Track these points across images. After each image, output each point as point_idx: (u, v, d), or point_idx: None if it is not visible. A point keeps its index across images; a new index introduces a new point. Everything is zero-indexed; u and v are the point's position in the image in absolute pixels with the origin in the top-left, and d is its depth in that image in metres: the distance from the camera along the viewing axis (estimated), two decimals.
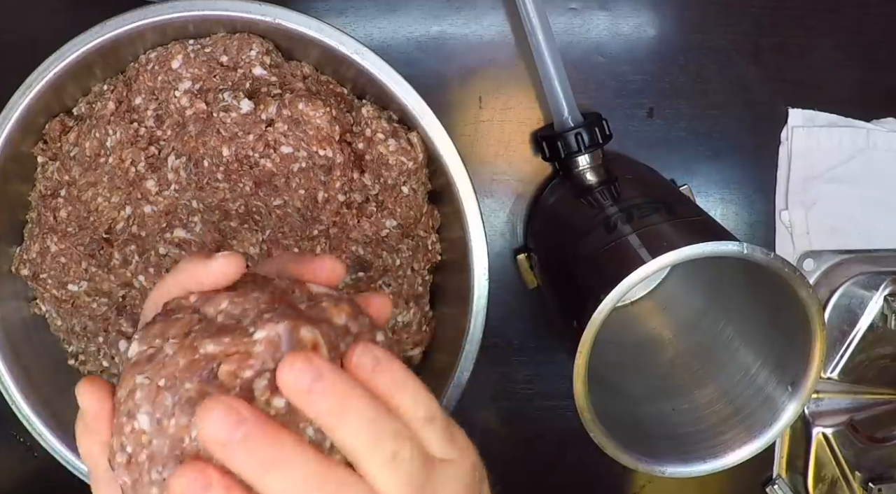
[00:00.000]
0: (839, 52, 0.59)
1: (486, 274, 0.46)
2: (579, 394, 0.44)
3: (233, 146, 0.45)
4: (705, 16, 0.57)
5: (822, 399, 0.61)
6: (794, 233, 0.59)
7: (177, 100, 0.46)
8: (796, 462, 0.62)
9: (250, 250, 0.46)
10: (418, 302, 0.50)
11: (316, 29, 0.45)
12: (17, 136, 0.45)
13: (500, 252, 0.58)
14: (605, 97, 0.57)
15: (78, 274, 0.47)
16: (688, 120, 0.58)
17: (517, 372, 0.59)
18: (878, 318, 0.58)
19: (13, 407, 0.46)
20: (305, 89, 0.47)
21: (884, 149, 0.59)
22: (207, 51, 0.47)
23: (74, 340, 0.48)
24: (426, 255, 0.50)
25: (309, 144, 0.45)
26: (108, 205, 0.46)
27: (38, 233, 0.47)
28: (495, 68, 0.56)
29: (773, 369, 0.49)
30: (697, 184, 0.58)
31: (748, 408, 0.49)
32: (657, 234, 0.44)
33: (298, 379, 0.26)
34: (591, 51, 0.57)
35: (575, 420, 0.45)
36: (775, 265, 0.43)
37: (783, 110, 0.59)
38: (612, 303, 0.42)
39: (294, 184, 0.46)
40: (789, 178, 0.59)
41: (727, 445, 0.48)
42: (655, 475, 0.48)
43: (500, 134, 0.57)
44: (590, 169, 0.53)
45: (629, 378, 0.55)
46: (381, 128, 0.47)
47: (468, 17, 0.56)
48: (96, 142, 0.46)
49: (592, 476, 0.60)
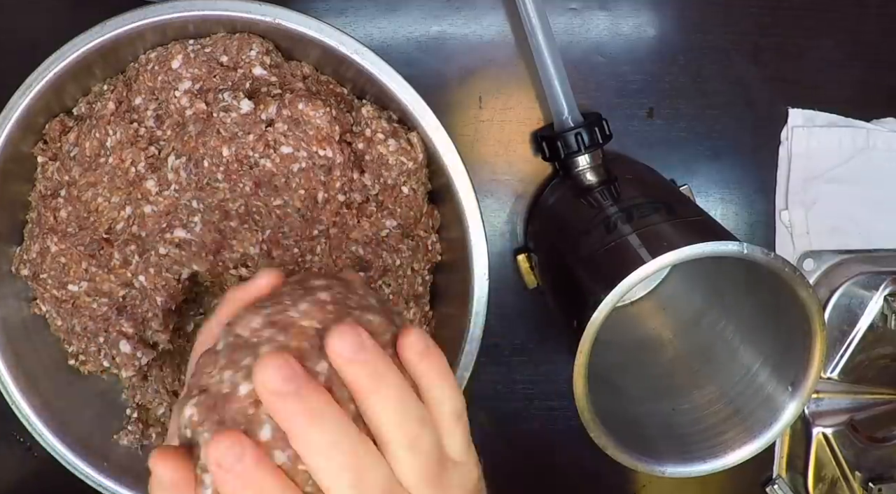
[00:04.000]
0: (839, 52, 0.59)
1: (486, 274, 0.46)
2: (579, 394, 0.44)
3: (233, 146, 0.45)
4: (705, 16, 0.57)
5: (822, 399, 0.61)
6: (794, 233, 0.59)
7: (177, 101, 0.46)
8: (796, 462, 0.62)
9: (250, 250, 0.46)
10: (418, 302, 0.50)
11: (316, 29, 0.45)
12: (17, 136, 0.45)
13: (500, 252, 0.58)
14: (605, 97, 0.57)
15: (78, 274, 0.47)
16: (688, 120, 0.58)
17: (517, 372, 0.59)
18: (878, 318, 0.58)
19: (13, 407, 0.46)
20: (305, 89, 0.47)
21: (884, 149, 0.59)
22: (207, 51, 0.47)
23: (75, 340, 0.48)
24: (426, 255, 0.50)
25: (309, 144, 0.45)
26: (108, 205, 0.46)
27: (38, 233, 0.47)
28: (495, 68, 0.56)
29: (773, 369, 0.49)
30: (697, 184, 0.58)
31: (748, 408, 0.49)
32: (657, 234, 0.44)
33: (344, 347, 0.29)
34: (591, 51, 0.57)
35: (575, 420, 0.45)
36: (775, 265, 0.43)
37: (783, 110, 0.59)
38: (612, 303, 0.42)
39: (294, 184, 0.46)
40: (789, 178, 0.59)
41: (727, 445, 0.48)
42: (655, 475, 0.48)
43: (500, 134, 0.57)
44: (590, 169, 0.53)
45: (629, 378, 0.55)
46: (381, 128, 0.47)
47: (468, 17, 0.56)
48: (96, 142, 0.46)
49: (592, 476, 0.60)
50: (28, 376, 0.47)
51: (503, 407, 0.60)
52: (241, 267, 0.46)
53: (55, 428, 0.46)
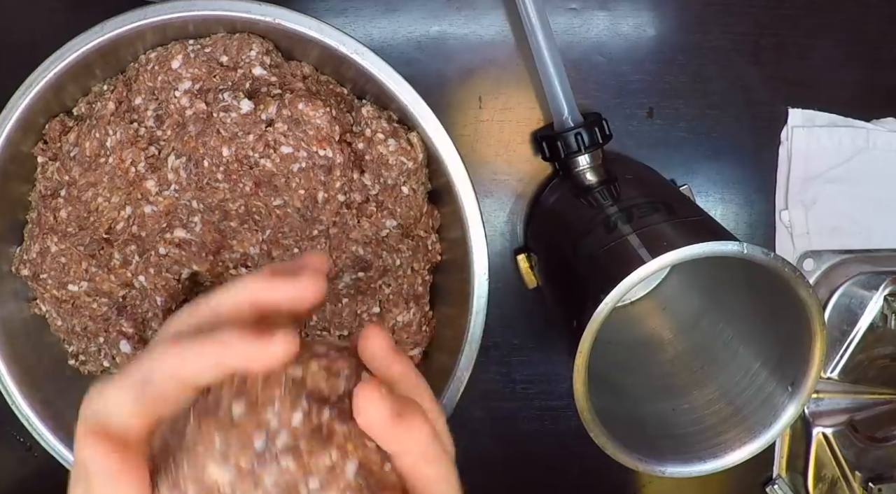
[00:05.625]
0: (839, 52, 0.59)
1: (486, 274, 0.46)
2: (579, 394, 0.44)
3: (233, 146, 0.45)
4: (705, 16, 0.57)
5: (822, 399, 0.61)
6: (794, 233, 0.59)
7: (177, 101, 0.46)
8: (796, 462, 0.62)
9: (250, 250, 0.46)
10: (418, 302, 0.50)
11: (316, 29, 0.45)
12: (17, 136, 0.45)
13: (500, 252, 0.58)
14: (605, 97, 0.57)
15: (78, 274, 0.47)
16: (688, 120, 0.58)
17: (517, 372, 0.59)
18: (878, 318, 0.58)
19: (13, 407, 0.46)
20: (305, 89, 0.47)
21: (884, 149, 0.59)
22: (207, 51, 0.47)
23: (75, 340, 0.48)
24: (426, 255, 0.50)
25: (309, 144, 0.45)
26: (108, 206, 0.46)
27: (38, 234, 0.47)
28: (495, 68, 0.56)
29: (773, 369, 0.49)
30: (697, 184, 0.58)
31: (748, 408, 0.49)
32: (657, 234, 0.44)
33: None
34: (591, 51, 0.57)
35: (575, 420, 0.45)
36: (775, 265, 0.43)
37: (783, 110, 0.59)
38: (612, 303, 0.42)
39: (294, 184, 0.46)
40: (789, 178, 0.59)
41: (727, 445, 0.48)
42: (655, 475, 0.48)
43: (500, 134, 0.57)
44: (590, 169, 0.53)
45: (629, 378, 0.55)
46: (381, 128, 0.47)
47: (468, 17, 0.56)
48: (96, 143, 0.46)
49: (592, 475, 0.60)
50: (28, 376, 0.47)
51: (503, 407, 0.60)
52: (241, 267, 0.47)
53: (55, 428, 0.46)
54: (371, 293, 0.48)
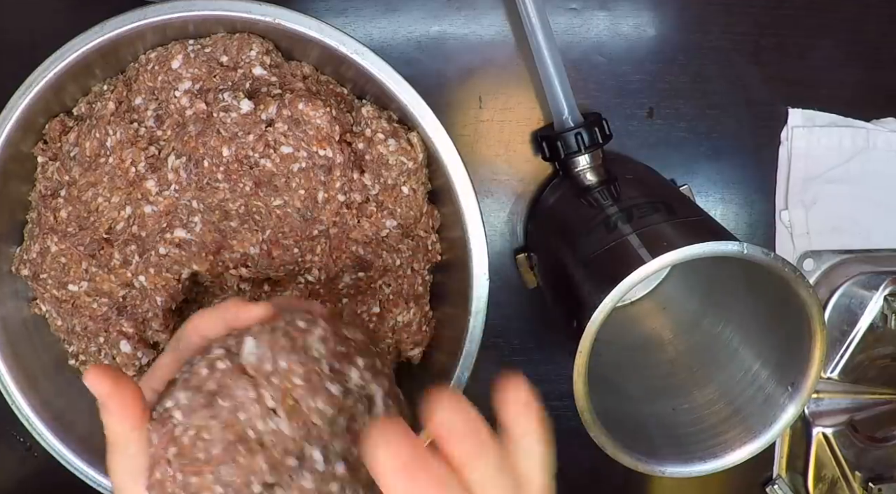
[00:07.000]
0: (839, 52, 0.59)
1: (486, 274, 0.46)
2: (579, 394, 0.44)
3: (233, 146, 0.45)
4: (705, 16, 0.57)
5: (822, 399, 0.61)
6: (794, 233, 0.59)
7: (177, 101, 0.46)
8: (796, 462, 0.62)
9: (250, 250, 0.46)
10: (418, 302, 0.50)
11: (316, 29, 0.45)
12: (17, 136, 0.45)
13: (500, 252, 0.58)
14: (605, 97, 0.57)
15: (78, 274, 0.47)
16: (688, 120, 0.58)
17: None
18: (878, 318, 0.58)
19: (13, 407, 0.46)
20: (305, 89, 0.47)
21: (884, 149, 0.59)
22: (207, 51, 0.47)
23: (75, 340, 0.48)
24: (426, 255, 0.50)
25: (309, 144, 0.45)
26: (108, 205, 0.46)
27: (38, 233, 0.47)
28: (495, 68, 0.56)
29: (773, 369, 0.49)
30: (697, 184, 0.58)
31: (748, 408, 0.49)
32: (657, 234, 0.44)
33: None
34: (591, 51, 0.57)
35: (575, 420, 0.45)
36: (775, 265, 0.43)
37: (783, 110, 0.59)
38: (612, 303, 0.42)
39: (294, 184, 0.46)
40: (789, 178, 0.59)
41: (727, 445, 0.48)
42: (655, 475, 0.48)
43: (500, 134, 0.57)
44: (590, 169, 0.53)
45: (629, 378, 0.55)
46: (381, 128, 0.47)
47: (468, 17, 0.56)
48: (96, 143, 0.46)
49: (592, 476, 0.60)
50: (28, 376, 0.47)
51: None
52: (241, 267, 0.46)
53: (55, 428, 0.46)
54: (371, 293, 0.48)
